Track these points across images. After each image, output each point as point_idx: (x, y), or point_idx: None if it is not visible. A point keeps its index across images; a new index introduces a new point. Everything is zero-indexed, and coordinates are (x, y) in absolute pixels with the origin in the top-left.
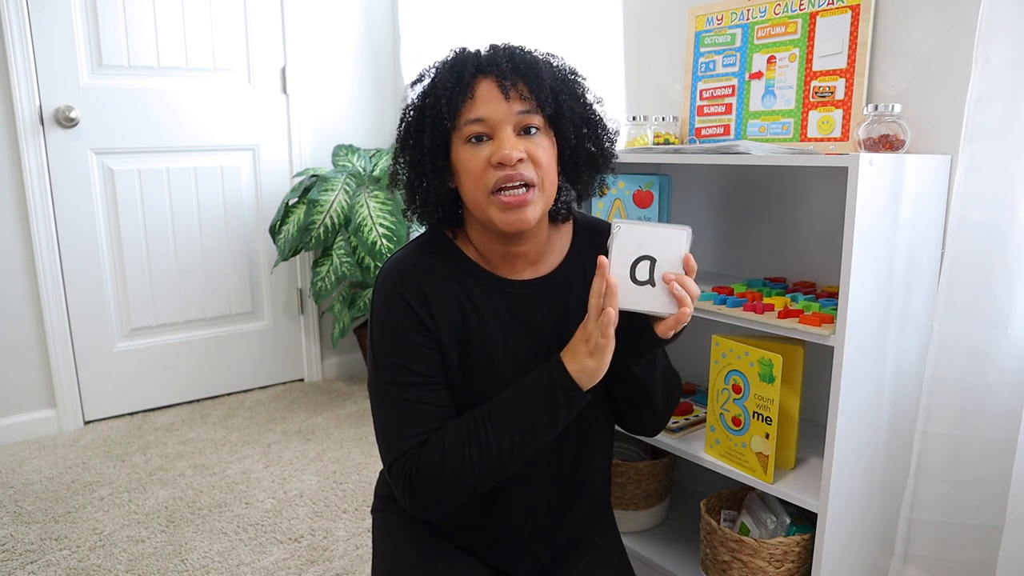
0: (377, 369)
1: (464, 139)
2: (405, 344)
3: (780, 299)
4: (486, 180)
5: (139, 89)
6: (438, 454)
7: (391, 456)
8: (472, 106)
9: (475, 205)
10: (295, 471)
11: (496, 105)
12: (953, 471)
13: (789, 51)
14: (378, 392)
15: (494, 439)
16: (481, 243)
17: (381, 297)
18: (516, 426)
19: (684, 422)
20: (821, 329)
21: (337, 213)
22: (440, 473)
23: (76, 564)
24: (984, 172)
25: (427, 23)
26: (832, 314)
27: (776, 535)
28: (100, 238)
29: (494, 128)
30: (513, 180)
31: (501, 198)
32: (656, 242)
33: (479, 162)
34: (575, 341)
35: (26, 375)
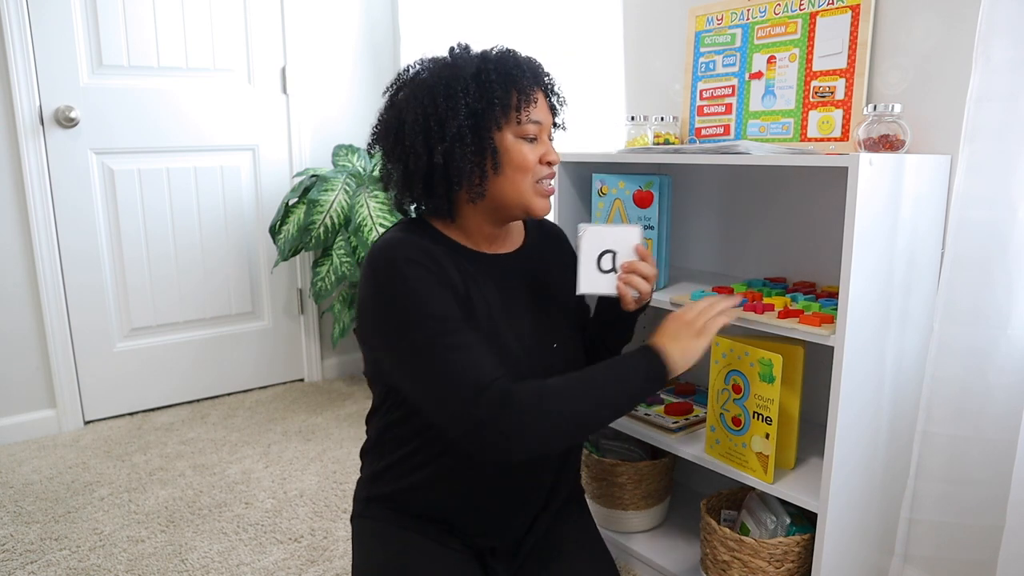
0: (410, 331)
1: (519, 135)
2: (433, 296)
3: (780, 299)
4: (536, 172)
5: (139, 89)
6: (534, 390)
7: (478, 384)
8: (533, 109)
9: (516, 192)
10: (295, 471)
11: (546, 114)
12: (953, 471)
13: (789, 51)
14: (423, 350)
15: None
16: (473, 225)
17: (387, 268)
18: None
19: (684, 422)
20: (821, 329)
21: (337, 213)
22: (538, 403)
23: (76, 564)
24: (984, 172)
25: (427, 23)
26: (832, 314)
27: (776, 535)
28: (100, 238)
29: (542, 132)
30: (553, 176)
31: (543, 188)
32: (615, 238)
33: (533, 158)
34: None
35: (26, 375)
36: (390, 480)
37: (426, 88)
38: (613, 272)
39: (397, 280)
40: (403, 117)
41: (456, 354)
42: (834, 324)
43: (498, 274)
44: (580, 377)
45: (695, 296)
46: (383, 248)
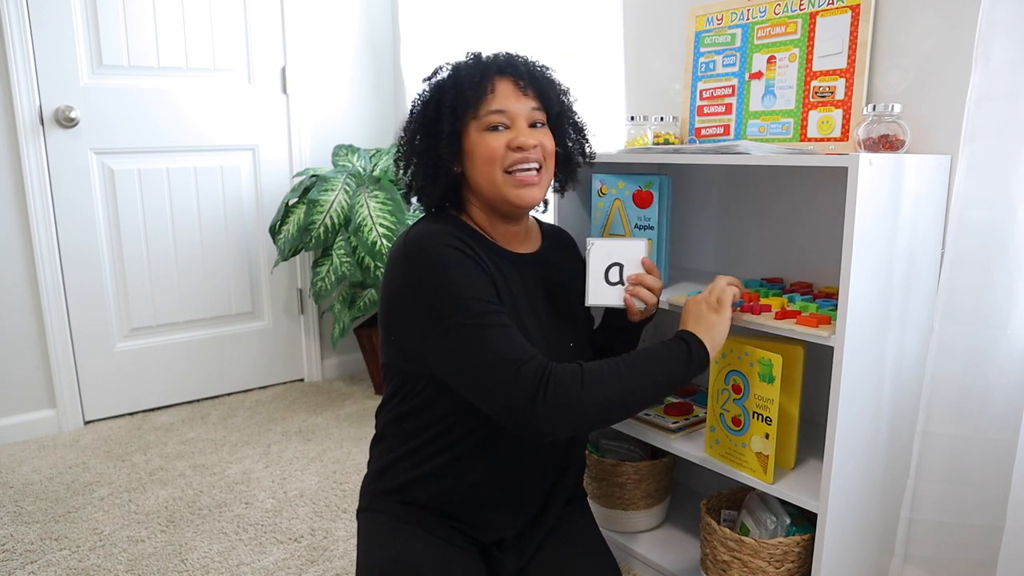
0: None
1: (483, 127)
2: (473, 280)
3: (777, 300)
4: (503, 160)
5: (139, 89)
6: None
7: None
8: (493, 99)
9: (490, 184)
10: (295, 471)
11: (514, 101)
12: (953, 471)
13: (789, 51)
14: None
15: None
16: (483, 220)
17: (426, 257)
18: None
19: (684, 422)
20: (819, 330)
21: (337, 213)
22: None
23: (76, 564)
24: (984, 172)
25: (427, 23)
26: (830, 315)
27: (776, 535)
28: (100, 238)
29: (512, 119)
30: (528, 161)
31: (516, 176)
32: (622, 251)
33: (498, 145)
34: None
35: (26, 375)
36: (399, 472)
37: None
38: (620, 284)
39: (437, 264)
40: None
41: (496, 332)
42: (832, 325)
43: (520, 271)
44: (621, 360)
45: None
46: (418, 237)
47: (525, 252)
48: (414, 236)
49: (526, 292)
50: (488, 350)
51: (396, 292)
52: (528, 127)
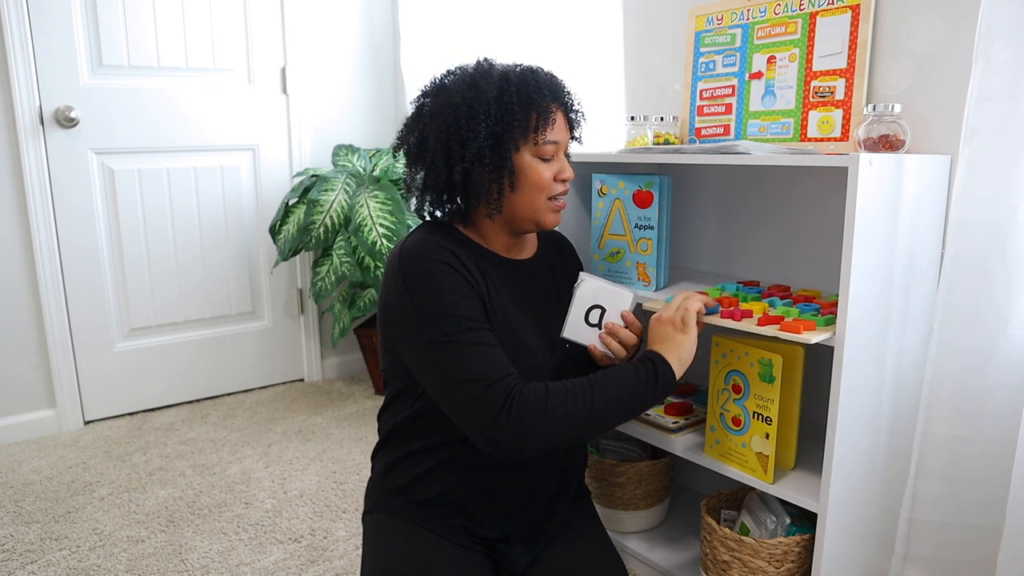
0: (432, 328)
1: (536, 154)
2: (455, 296)
3: (758, 304)
4: (550, 190)
5: (139, 89)
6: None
7: (486, 380)
8: (553, 131)
9: (531, 208)
10: (295, 471)
11: (564, 134)
12: (953, 471)
13: (789, 51)
14: (442, 348)
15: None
16: (491, 234)
17: (416, 269)
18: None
19: (684, 422)
20: (805, 335)
21: (337, 213)
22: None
23: (76, 564)
24: (984, 172)
25: (427, 23)
26: (813, 320)
27: (776, 535)
28: (100, 238)
29: (559, 151)
30: (566, 193)
31: (555, 205)
32: (607, 296)
33: (549, 176)
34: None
35: (26, 375)
36: (404, 471)
37: (450, 107)
38: (597, 328)
39: (425, 278)
40: (426, 133)
41: (473, 351)
42: (816, 330)
43: (516, 278)
44: (587, 380)
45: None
46: (412, 248)
47: (523, 259)
48: (409, 247)
49: (523, 298)
50: (461, 367)
51: (390, 301)
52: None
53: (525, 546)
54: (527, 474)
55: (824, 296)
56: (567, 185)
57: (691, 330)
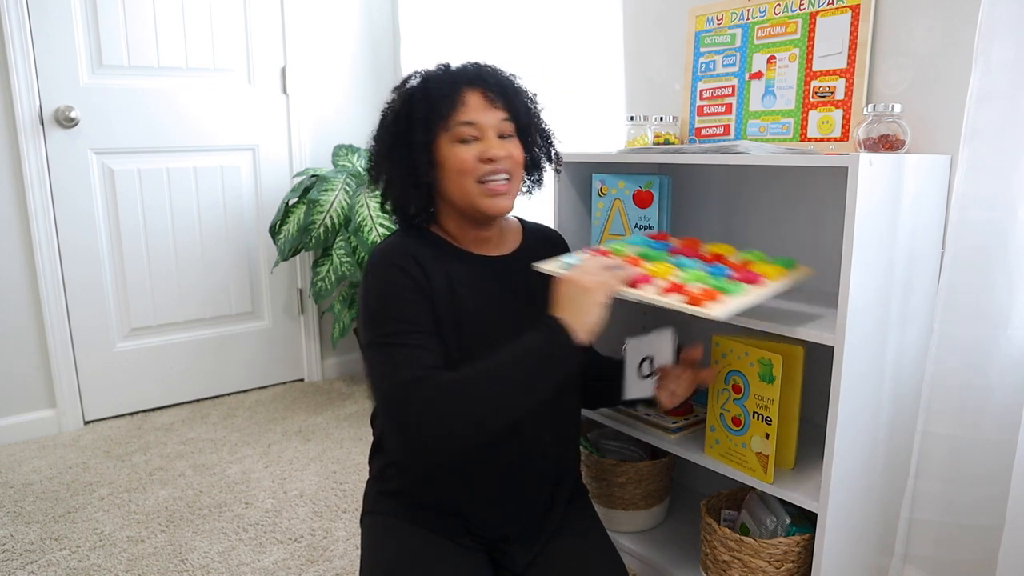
0: (373, 329)
1: (454, 139)
2: (400, 300)
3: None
4: (475, 172)
5: (139, 89)
6: (444, 382)
7: (394, 380)
8: (464, 111)
9: (462, 194)
10: (295, 471)
11: (484, 112)
12: (953, 471)
13: (789, 51)
14: (374, 349)
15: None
16: (454, 229)
17: (375, 271)
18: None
19: (684, 422)
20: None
21: (337, 213)
22: (446, 393)
23: (76, 564)
24: (984, 172)
25: (427, 23)
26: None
27: (776, 535)
28: (100, 238)
29: (482, 131)
30: (498, 172)
31: (488, 187)
32: (651, 345)
33: (469, 157)
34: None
35: (26, 375)
36: (398, 473)
37: (378, 125)
38: (651, 377)
39: (376, 282)
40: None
41: (393, 352)
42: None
43: (487, 274)
44: (486, 364)
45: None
46: (376, 253)
47: (497, 255)
48: (374, 251)
49: (491, 295)
50: (379, 367)
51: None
52: (497, 138)
53: (524, 546)
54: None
55: (737, 255)
56: (498, 165)
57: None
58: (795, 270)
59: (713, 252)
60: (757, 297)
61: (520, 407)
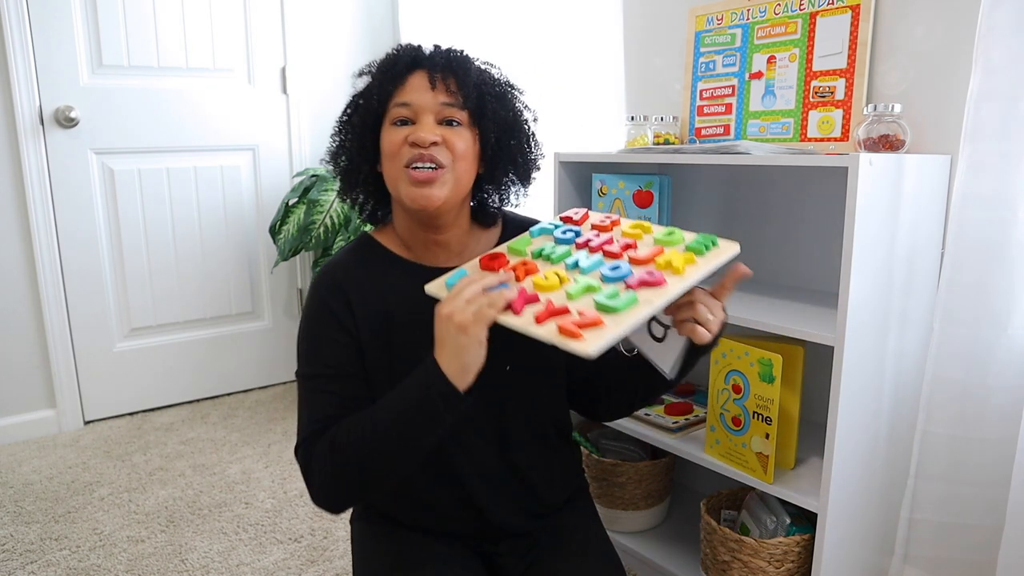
0: (298, 359)
1: (391, 121)
2: (320, 340)
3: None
4: (401, 156)
5: (139, 89)
6: (326, 444)
7: (298, 439)
8: (401, 92)
9: (391, 180)
10: (295, 471)
11: (422, 94)
12: (953, 471)
13: (789, 51)
14: (298, 385)
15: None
16: (404, 229)
17: (308, 299)
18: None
19: (684, 422)
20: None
21: (337, 213)
22: (327, 459)
23: (76, 564)
24: (984, 172)
25: (427, 24)
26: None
27: (776, 535)
28: (100, 238)
29: (417, 114)
30: (423, 159)
31: (411, 173)
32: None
33: (398, 140)
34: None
35: (26, 375)
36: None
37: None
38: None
39: (305, 315)
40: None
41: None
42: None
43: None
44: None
45: (449, 282)
46: (319, 275)
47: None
48: (318, 274)
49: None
50: (299, 412)
51: None
52: (435, 123)
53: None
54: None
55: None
56: (420, 151)
57: (475, 333)
58: (712, 253)
59: (627, 237)
60: (650, 309)
61: (409, 462)
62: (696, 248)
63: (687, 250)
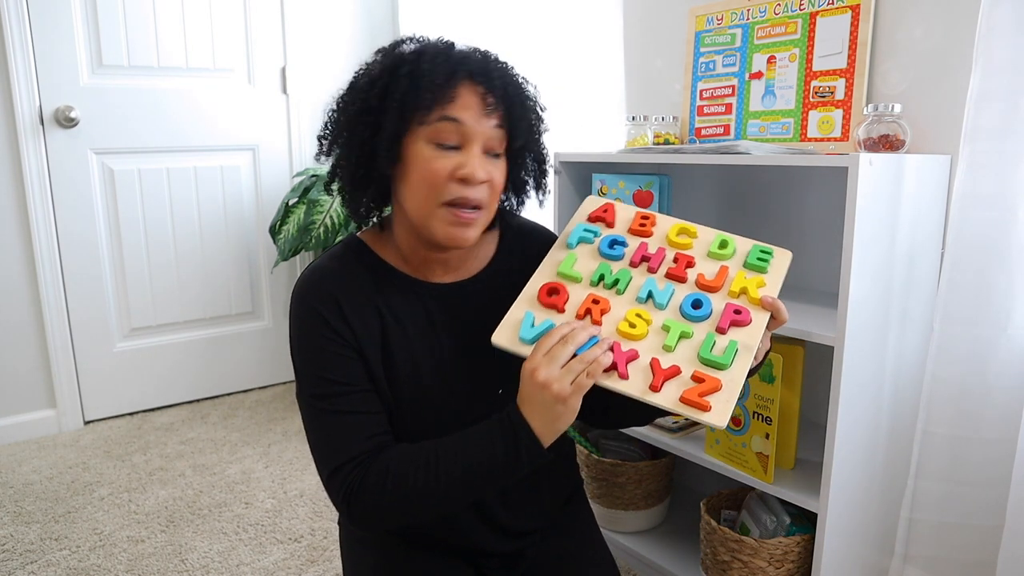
0: (300, 383)
1: (429, 138)
2: (325, 356)
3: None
4: (442, 190)
5: (139, 89)
6: (383, 473)
7: (330, 466)
8: (450, 105)
9: (418, 209)
10: (295, 471)
11: (476, 116)
12: (953, 471)
13: (789, 51)
14: (306, 406)
15: (444, 474)
16: (405, 244)
17: (295, 311)
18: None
19: (684, 422)
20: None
21: (337, 213)
22: (382, 490)
23: (76, 564)
24: (984, 172)
25: (427, 23)
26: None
27: (776, 535)
28: (100, 238)
29: (466, 139)
30: (469, 203)
31: (455, 213)
32: None
33: (442, 170)
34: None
35: (26, 375)
36: None
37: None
38: None
39: (298, 330)
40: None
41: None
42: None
43: (435, 307)
44: (435, 453)
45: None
46: (302, 284)
47: (450, 282)
48: (299, 281)
49: (437, 334)
50: (316, 438)
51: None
52: (482, 154)
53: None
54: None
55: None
56: (472, 192)
57: (573, 402)
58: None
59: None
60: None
61: (468, 501)
62: (758, 266)
63: (747, 267)
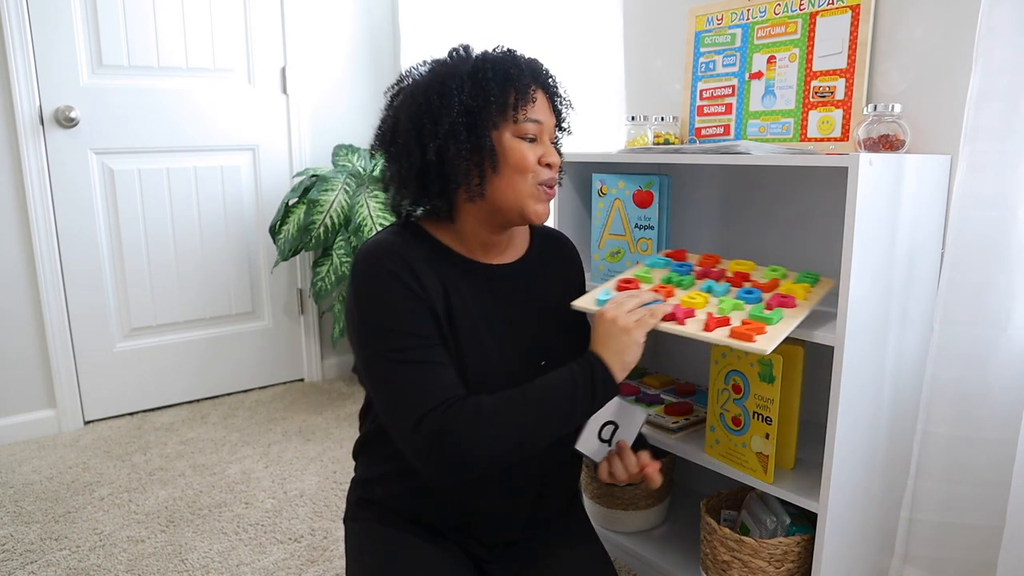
0: (374, 342)
1: (517, 134)
2: (403, 310)
3: (699, 297)
4: (537, 173)
5: (139, 89)
6: (473, 411)
7: (417, 413)
8: (534, 109)
9: (514, 193)
10: (295, 471)
11: (547, 116)
12: (953, 471)
13: (789, 51)
14: (382, 364)
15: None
16: (470, 230)
17: (365, 274)
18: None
19: (684, 422)
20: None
21: (337, 213)
22: (476, 425)
23: (76, 564)
24: (984, 172)
25: (427, 23)
26: (760, 319)
27: (776, 535)
28: (100, 238)
29: (541, 133)
30: (553, 181)
31: (543, 192)
32: (621, 413)
33: (532, 158)
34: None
35: (26, 375)
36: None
37: (422, 87)
38: (607, 445)
39: (372, 288)
40: (398, 115)
41: (411, 372)
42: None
43: (489, 285)
44: (521, 392)
45: (600, 300)
46: (368, 252)
47: (501, 263)
48: (363, 251)
49: (491, 307)
50: (398, 390)
51: (346, 306)
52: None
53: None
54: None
55: (760, 273)
56: (554, 172)
57: (639, 333)
58: (819, 285)
59: (736, 271)
60: (794, 323)
61: (554, 434)
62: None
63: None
